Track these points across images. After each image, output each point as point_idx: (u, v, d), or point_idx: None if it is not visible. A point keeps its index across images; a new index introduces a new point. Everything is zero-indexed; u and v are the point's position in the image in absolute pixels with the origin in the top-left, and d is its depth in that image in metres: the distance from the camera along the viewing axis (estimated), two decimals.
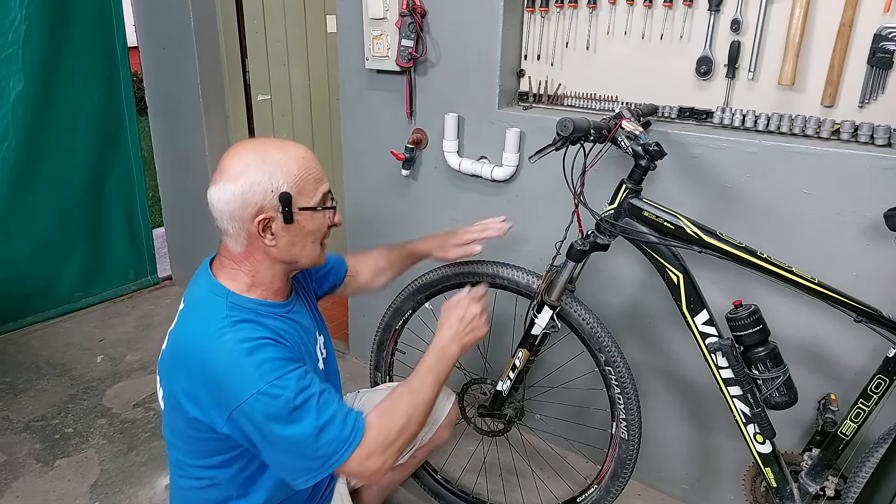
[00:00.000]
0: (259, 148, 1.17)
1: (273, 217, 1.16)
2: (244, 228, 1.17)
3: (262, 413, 1.10)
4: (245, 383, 1.10)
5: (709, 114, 1.72)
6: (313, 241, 1.24)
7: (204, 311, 1.20)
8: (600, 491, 1.63)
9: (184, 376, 1.17)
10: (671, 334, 1.84)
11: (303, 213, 1.19)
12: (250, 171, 1.14)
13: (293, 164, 1.17)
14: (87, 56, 2.84)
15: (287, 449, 1.13)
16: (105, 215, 3.13)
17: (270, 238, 1.18)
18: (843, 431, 1.44)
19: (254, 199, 1.14)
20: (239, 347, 1.11)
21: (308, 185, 1.19)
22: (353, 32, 2.19)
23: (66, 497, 1.97)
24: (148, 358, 2.74)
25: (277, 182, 1.15)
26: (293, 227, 1.19)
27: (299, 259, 1.24)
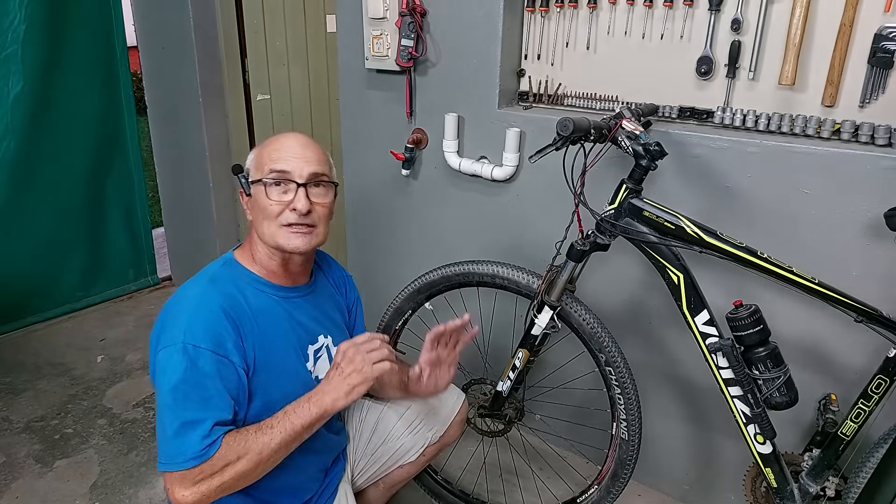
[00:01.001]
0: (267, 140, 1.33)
1: (243, 192, 1.31)
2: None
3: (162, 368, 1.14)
4: (170, 331, 1.16)
5: (709, 113, 1.72)
6: (266, 217, 1.27)
7: (204, 268, 1.31)
8: (600, 491, 1.63)
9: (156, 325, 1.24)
10: (671, 334, 1.84)
11: (254, 186, 1.29)
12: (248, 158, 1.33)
13: (269, 145, 1.30)
14: (86, 56, 2.84)
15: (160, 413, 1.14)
16: (105, 215, 3.13)
17: (249, 213, 1.32)
18: (843, 432, 1.44)
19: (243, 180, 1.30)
20: (192, 300, 1.19)
21: (263, 160, 1.29)
22: (353, 32, 2.18)
23: (65, 497, 1.97)
24: (148, 358, 2.74)
25: (249, 163, 1.32)
26: (251, 200, 1.30)
27: (263, 236, 1.29)
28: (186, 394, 1.11)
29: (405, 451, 1.61)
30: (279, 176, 1.26)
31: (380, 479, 1.64)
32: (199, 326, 1.15)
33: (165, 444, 1.11)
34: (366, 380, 1.18)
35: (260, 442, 1.13)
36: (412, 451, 1.61)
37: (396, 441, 1.61)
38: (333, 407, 1.17)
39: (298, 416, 1.17)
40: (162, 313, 1.23)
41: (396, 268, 2.38)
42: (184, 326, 1.15)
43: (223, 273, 1.28)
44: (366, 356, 1.19)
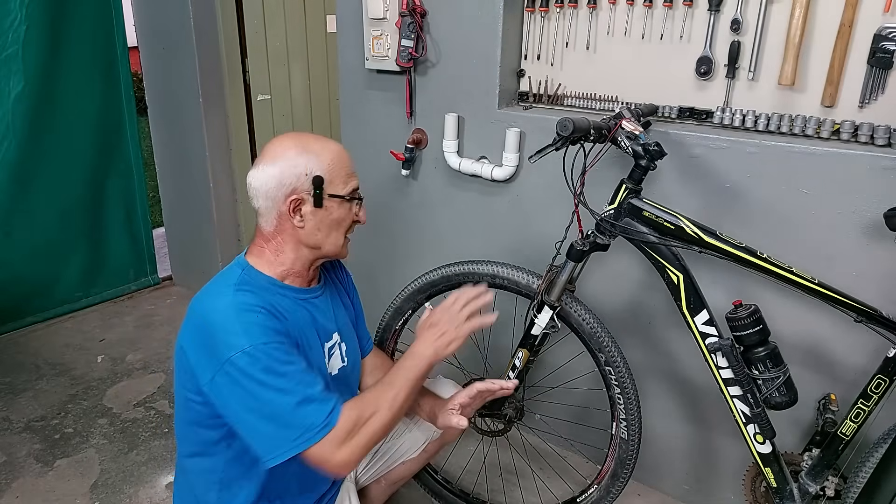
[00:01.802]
0: (300, 138, 1.28)
1: (304, 199, 1.25)
2: (276, 207, 1.25)
3: (243, 372, 1.13)
4: (232, 341, 1.14)
5: (709, 114, 1.72)
6: (338, 230, 1.31)
7: (219, 277, 1.28)
8: (600, 491, 1.63)
9: (187, 333, 1.23)
10: (671, 334, 1.84)
11: (332, 199, 1.27)
12: (289, 154, 1.24)
13: (329, 154, 1.27)
14: (87, 56, 2.84)
15: (264, 413, 1.14)
16: (105, 215, 3.13)
17: (299, 220, 1.26)
18: (843, 431, 1.44)
19: (289, 181, 1.23)
20: (233, 308, 1.18)
21: (339, 176, 1.28)
22: (353, 32, 2.19)
23: (66, 497, 1.97)
24: (148, 358, 2.74)
25: (312, 167, 1.24)
26: (321, 212, 1.26)
27: (323, 245, 1.30)
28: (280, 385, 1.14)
29: (407, 448, 1.62)
30: (357, 192, 1.34)
31: (382, 476, 1.65)
32: (256, 328, 1.16)
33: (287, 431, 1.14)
34: (458, 337, 1.31)
35: (388, 396, 1.23)
36: (414, 447, 1.62)
37: (399, 438, 1.62)
38: (437, 358, 1.30)
39: (412, 370, 1.27)
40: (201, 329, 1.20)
41: (396, 268, 2.38)
42: (241, 332, 1.15)
43: (245, 279, 1.25)
44: (456, 316, 1.32)
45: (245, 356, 1.13)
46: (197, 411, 1.25)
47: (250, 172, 1.27)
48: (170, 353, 2.78)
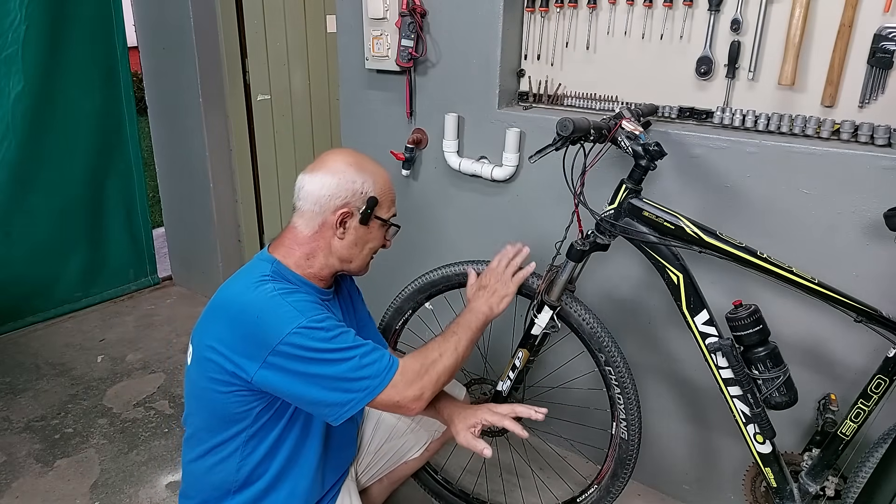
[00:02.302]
0: (358, 156, 1.34)
1: (352, 214, 1.30)
2: (323, 215, 1.29)
3: (303, 347, 1.16)
4: (284, 320, 1.17)
5: (709, 114, 1.72)
6: (370, 249, 1.38)
7: (247, 270, 1.31)
8: (600, 491, 1.63)
9: (220, 324, 1.25)
10: (671, 334, 1.84)
11: (375, 221, 1.34)
12: (350, 171, 1.29)
13: (381, 179, 1.34)
14: (87, 56, 2.84)
15: (327, 383, 1.18)
16: (105, 215, 3.13)
17: (342, 232, 1.31)
18: (843, 431, 1.44)
19: (343, 194, 1.28)
20: (276, 293, 1.21)
21: (387, 201, 1.36)
22: (353, 32, 2.19)
23: (66, 497, 1.97)
24: (148, 358, 2.74)
25: (368, 188, 1.31)
26: (363, 229, 1.33)
27: (353, 260, 1.36)
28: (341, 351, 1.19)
29: (409, 448, 1.63)
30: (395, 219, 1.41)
31: (383, 476, 1.65)
32: (305, 304, 1.21)
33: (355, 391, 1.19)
34: (509, 293, 1.46)
35: (452, 342, 1.33)
36: (416, 447, 1.63)
37: (400, 438, 1.62)
38: (492, 313, 1.43)
39: (472, 322, 1.39)
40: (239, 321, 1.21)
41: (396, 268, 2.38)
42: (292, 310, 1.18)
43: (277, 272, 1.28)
44: (503, 275, 1.48)
45: (302, 331, 1.16)
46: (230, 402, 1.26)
47: (303, 177, 1.31)
48: (170, 353, 2.78)
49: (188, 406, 1.38)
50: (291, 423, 1.32)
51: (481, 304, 1.43)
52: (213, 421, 1.31)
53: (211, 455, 1.33)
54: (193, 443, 1.36)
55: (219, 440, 1.32)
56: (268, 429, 1.30)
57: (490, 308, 1.43)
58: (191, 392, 1.35)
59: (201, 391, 1.30)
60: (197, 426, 1.35)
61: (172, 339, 2.90)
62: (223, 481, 1.34)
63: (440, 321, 2.11)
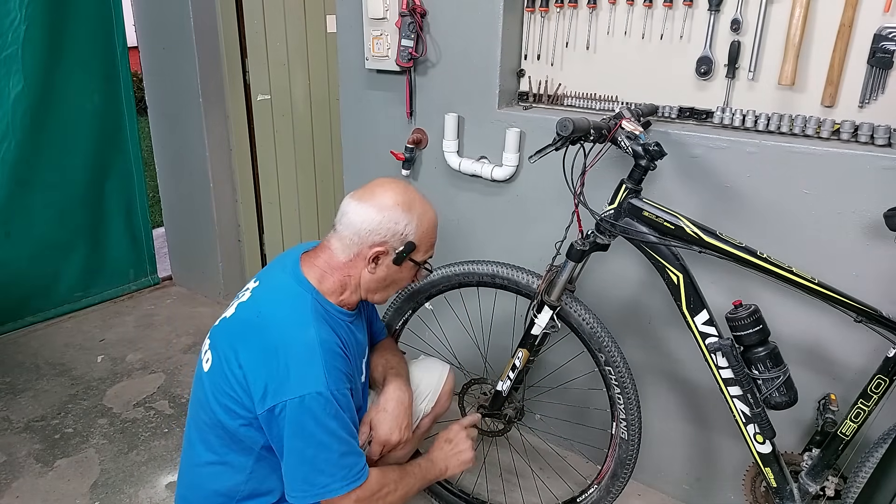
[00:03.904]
0: (408, 194, 1.34)
1: (387, 253, 1.31)
2: (359, 246, 1.30)
3: (312, 414, 1.19)
4: (312, 380, 1.19)
5: (709, 114, 1.72)
6: (396, 286, 1.41)
7: (289, 297, 1.30)
8: (600, 491, 1.63)
9: (254, 348, 1.24)
10: (671, 334, 1.84)
11: (408, 262, 1.35)
12: (396, 210, 1.30)
13: (427, 222, 1.35)
14: (87, 56, 2.84)
15: (315, 461, 1.21)
16: (105, 215, 3.13)
17: (373, 267, 1.32)
18: (843, 431, 1.44)
19: (384, 232, 1.29)
20: (319, 346, 1.22)
21: (425, 245, 1.37)
22: (353, 32, 2.19)
23: (66, 497, 1.97)
24: (148, 357, 2.74)
25: (410, 231, 1.31)
26: (395, 268, 1.34)
27: (376, 293, 1.38)
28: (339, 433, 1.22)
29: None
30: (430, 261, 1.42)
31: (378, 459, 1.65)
32: (335, 371, 1.23)
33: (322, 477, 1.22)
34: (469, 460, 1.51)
35: (406, 483, 1.38)
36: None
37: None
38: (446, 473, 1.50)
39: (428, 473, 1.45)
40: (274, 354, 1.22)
41: None
42: (322, 374, 1.21)
43: (319, 310, 1.29)
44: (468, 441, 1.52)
45: (320, 398, 1.19)
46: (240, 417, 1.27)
47: (351, 202, 1.32)
48: (170, 353, 2.78)
49: (198, 413, 1.36)
50: None
51: (440, 461, 1.48)
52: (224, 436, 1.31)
53: (220, 465, 1.33)
54: (202, 449, 1.35)
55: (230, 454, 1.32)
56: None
57: (447, 468, 1.48)
58: (203, 400, 1.33)
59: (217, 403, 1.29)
60: (207, 435, 1.34)
61: (172, 339, 2.90)
62: (229, 489, 1.34)
63: (440, 321, 2.11)
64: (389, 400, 1.45)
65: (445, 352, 2.06)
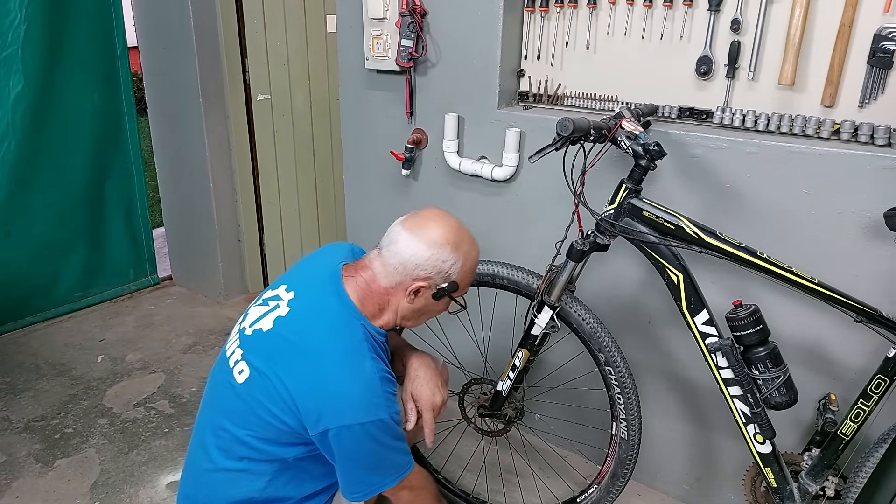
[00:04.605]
0: (459, 233, 1.35)
1: (429, 288, 1.33)
2: (402, 277, 1.32)
3: (373, 436, 1.24)
4: (374, 408, 1.24)
5: (709, 114, 1.72)
6: (428, 316, 1.43)
7: (340, 325, 1.30)
8: (600, 491, 1.63)
9: (303, 375, 1.25)
10: (671, 334, 1.84)
11: (446, 297, 1.37)
12: (445, 249, 1.31)
13: (471, 262, 1.37)
14: (87, 56, 2.84)
15: (373, 467, 1.29)
16: (105, 215, 3.13)
17: (412, 298, 1.34)
18: (843, 431, 1.44)
19: (429, 269, 1.31)
20: (377, 377, 1.26)
21: (465, 283, 1.38)
22: (353, 32, 2.19)
23: (66, 497, 1.97)
24: (148, 358, 2.74)
25: (454, 271, 1.33)
26: (433, 302, 1.36)
27: (411, 320, 1.40)
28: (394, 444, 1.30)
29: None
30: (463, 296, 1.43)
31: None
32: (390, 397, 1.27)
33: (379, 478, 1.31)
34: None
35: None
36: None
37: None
38: None
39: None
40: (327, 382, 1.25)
41: None
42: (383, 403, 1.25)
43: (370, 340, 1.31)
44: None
45: (382, 424, 1.24)
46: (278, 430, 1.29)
47: (400, 230, 1.33)
48: (170, 353, 2.78)
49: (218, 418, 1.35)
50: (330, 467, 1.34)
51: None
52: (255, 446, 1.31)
53: (240, 472, 1.33)
54: (219, 455, 1.34)
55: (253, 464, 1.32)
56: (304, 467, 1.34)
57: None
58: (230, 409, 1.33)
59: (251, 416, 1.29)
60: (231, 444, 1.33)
61: (172, 339, 2.90)
62: (244, 496, 1.34)
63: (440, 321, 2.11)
64: (418, 368, 1.47)
65: (445, 352, 2.06)
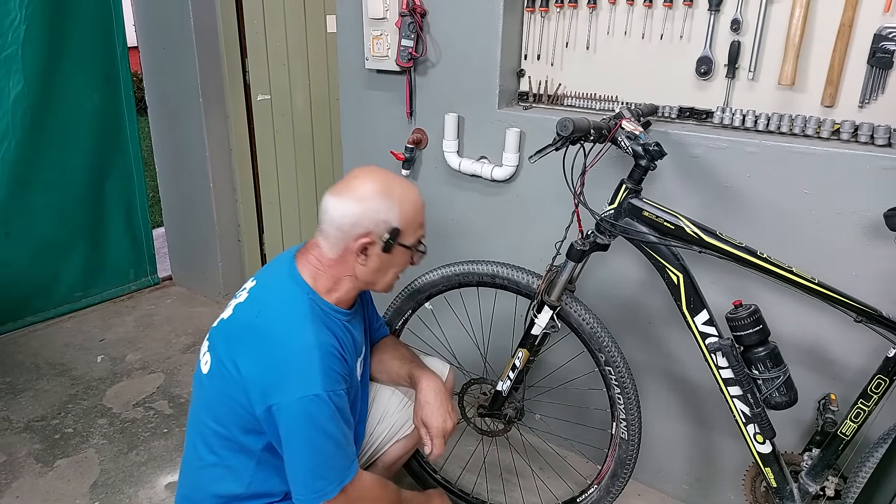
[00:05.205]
0: (386, 180, 1.31)
1: (374, 243, 1.30)
2: (345, 241, 1.29)
3: (308, 414, 1.20)
4: (308, 382, 1.20)
5: (709, 114, 1.72)
6: (394, 272, 1.39)
7: (286, 299, 1.29)
8: (600, 491, 1.63)
9: (250, 350, 1.25)
10: (671, 334, 1.84)
11: (399, 247, 1.33)
12: (375, 199, 1.28)
13: (409, 205, 1.32)
14: (87, 56, 2.84)
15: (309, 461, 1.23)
16: (105, 215, 3.13)
17: (363, 259, 1.31)
18: (843, 431, 1.44)
19: (366, 223, 1.28)
20: (317, 349, 1.22)
21: (412, 227, 1.34)
22: (353, 32, 2.19)
23: (66, 497, 1.97)
24: (148, 357, 2.74)
25: (392, 217, 1.29)
26: (386, 256, 1.32)
27: (377, 283, 1.37)
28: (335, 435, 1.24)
29: (400, 426, 1.64)
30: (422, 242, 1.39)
31: (377, 458, 1.65)
32: (331, 374, 1.24)
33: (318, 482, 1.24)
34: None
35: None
36: (407, 424, 1.63)
37: (391, 417, 1.63)
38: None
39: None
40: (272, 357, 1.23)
41: None
42: (320, 376, 1.21)
43: (317, 312, 1.29)
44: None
45: (317, 400, 1.20)
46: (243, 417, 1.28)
47: (329, 198, 1.29)
48: (170, 353, 2.78)
49: (199, 415, 1.36)
50: None
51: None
52: (226, 438, 1.31)
53: (222, 467, 1.34)
54: (204, 451, 1.35)
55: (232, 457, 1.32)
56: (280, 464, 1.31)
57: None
58: (204, 402, 1.34)
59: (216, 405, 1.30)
60: (209, 437, 1.34)
61: (172, 339, 2.90)
62: (231, 492, 1.35)
63: (440, 321, 2.11)
64: (428, 392, 1.46)
65: (445, 352, 2.06)
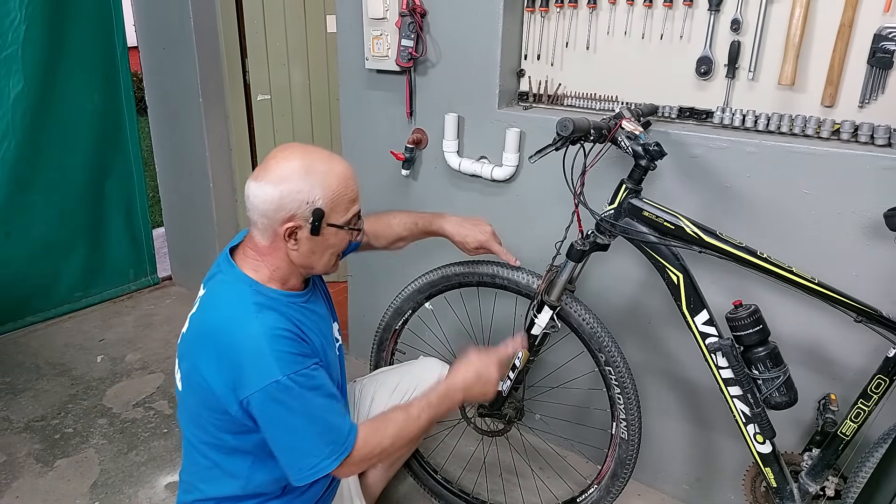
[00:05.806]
0: (307, 157, 1.23)
1: (301, 226, 1.23)
2: (272, 227, 1.23)
3: (274, 400, 1.16)
4: (264, 371, 1.16)
5: (709, 114, 1.72)
6: (332, 253, 1.31)
7: (230, 296, 1.26)
8: (600, 491, 1.63)
9: (207, 355, 1.22)
10: (671, 334, 1.84)
11: (330, 228, 1.26)
12: (293, 179, 1.20)
13: (334, 180, 1.24)
14: (87, 56, 2.84)
15: (290, 442, 1.20)
16: (105, 215, 3.13)
17: (293, 244, 1.25)
18: (843, 431, 1.44)
19: (288, 206, 1.20)
20: (263, 335, 1.18)
21: (341, 204, 1.26)
22: (353, 32, 2.19)
23: (66, 497, 1.97)
24: (148, 358, 2.74)
25: (315, 196, 1.21)
26: (317, 238, 1.25)
27: (314, 266, 1.31)
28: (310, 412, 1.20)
29: None
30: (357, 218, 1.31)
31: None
32: (286, 356, 1.18)
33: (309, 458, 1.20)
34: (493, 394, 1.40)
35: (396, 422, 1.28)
36: None
37: None
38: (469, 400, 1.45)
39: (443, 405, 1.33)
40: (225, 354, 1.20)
41: (396, 268, 2.38)
42: (273, 362, 1.17)
43: (260, 299, 1.24)
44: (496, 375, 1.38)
45: (279, 386, 1.16)
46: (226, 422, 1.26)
47: (249, 183, 1.23)
48: (169, 354, 2.78)
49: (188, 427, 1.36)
50: None
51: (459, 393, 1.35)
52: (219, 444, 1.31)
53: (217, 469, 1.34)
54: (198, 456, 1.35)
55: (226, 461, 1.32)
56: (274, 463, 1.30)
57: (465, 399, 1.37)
58: (188, 416, 1.33)
59: (198, 418, 1.29)
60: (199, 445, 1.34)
61: (172, 340, 2.90)
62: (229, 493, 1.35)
63: (440, 321, 2.11)
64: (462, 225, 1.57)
65: (445, 352, 2.06)
